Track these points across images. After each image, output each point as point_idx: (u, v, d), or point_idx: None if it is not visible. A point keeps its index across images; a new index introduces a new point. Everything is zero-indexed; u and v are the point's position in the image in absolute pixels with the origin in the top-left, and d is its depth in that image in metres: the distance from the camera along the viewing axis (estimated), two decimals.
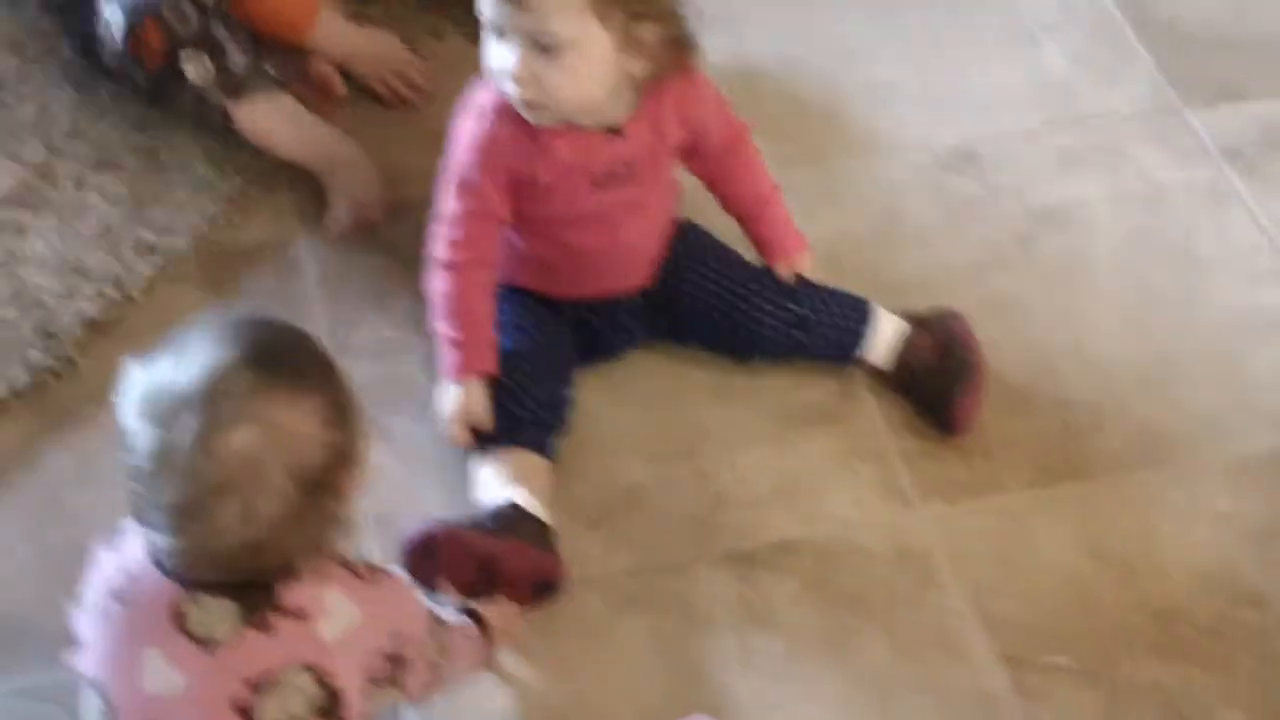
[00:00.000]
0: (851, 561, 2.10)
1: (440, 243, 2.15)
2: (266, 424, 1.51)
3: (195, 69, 2.39)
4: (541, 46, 1.99)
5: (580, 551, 2.09)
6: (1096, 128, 2.59)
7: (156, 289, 2.33)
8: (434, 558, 1.97)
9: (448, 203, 2.15)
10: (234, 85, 2.41)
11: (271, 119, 2.44)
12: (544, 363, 2.19)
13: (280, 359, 1.55)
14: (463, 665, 1.86)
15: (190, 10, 2.38)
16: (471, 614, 1.95)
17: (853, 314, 2.25)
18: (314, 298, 2.35)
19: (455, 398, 2.13)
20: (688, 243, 2.30)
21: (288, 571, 1.60)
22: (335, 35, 2.55)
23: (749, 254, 2.29)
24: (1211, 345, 2.34)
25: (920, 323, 2.26)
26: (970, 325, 2.26)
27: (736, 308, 2.26)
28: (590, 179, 2.14)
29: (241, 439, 1.50)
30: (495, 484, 2.09)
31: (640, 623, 2.04)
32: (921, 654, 2.02)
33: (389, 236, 2.41)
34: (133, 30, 2.38)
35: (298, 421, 1.53)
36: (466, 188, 2.13)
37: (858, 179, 2.51)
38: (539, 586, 2.03)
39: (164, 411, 1.52)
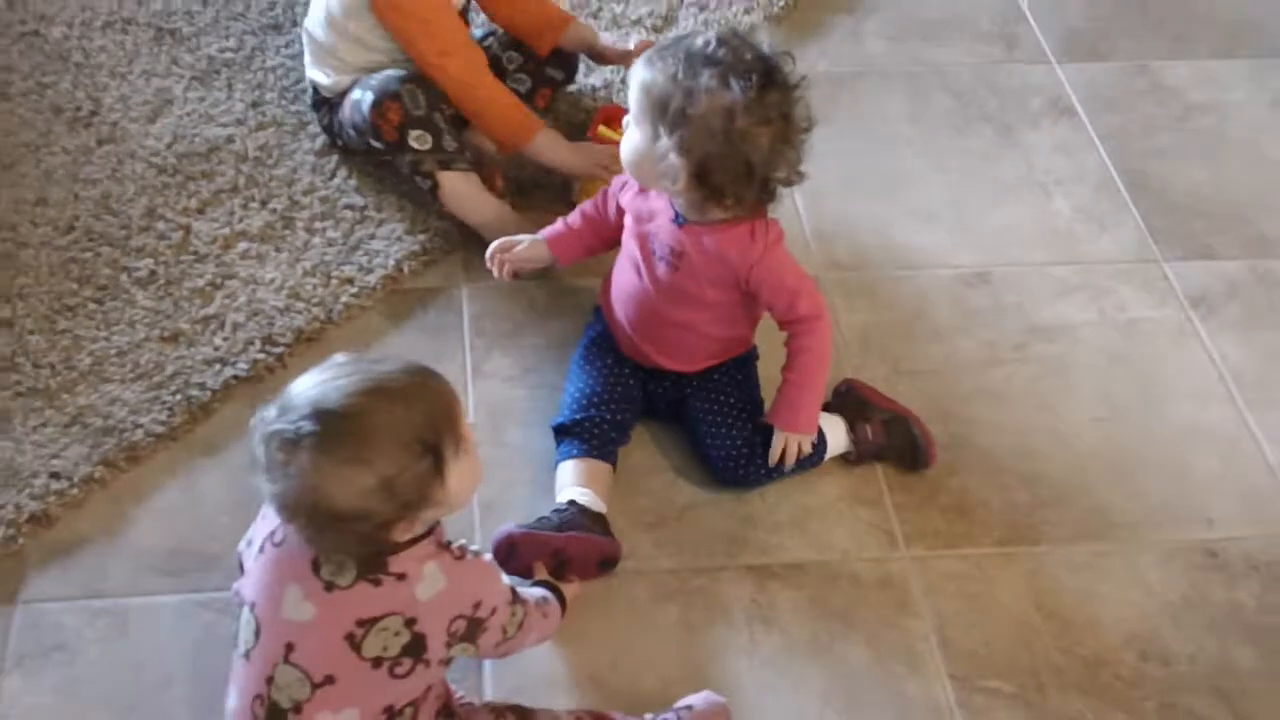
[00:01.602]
0: (845, 584, 2.05)
1: None
2: (317, 484, 1.54)
3: (419, 142, 2.39)
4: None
5: (636, 549, 2.07)
6: (1089, 267, 2.51)
7: (351, 313, 2.33)
8: (515, 553, 1.98)
9: None
10: (444, 159, 2.40)
11: (465, 189, 2.43)
12: (610, 394, 2.17)
13: (352, 436, 1.54)
14: (534, 637, 1.84)
15: (422, 98, 2.38)
16: (552, 587, 1.94)
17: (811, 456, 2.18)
18: (464, 332, 2.34)
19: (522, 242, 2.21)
20: (721, 374, 2.20)
21: (394, 546, 1.62)
22: (554, 153, 2.48)
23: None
24: (1162, 450, 2.26)
25: (858, 420, 2.19)
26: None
27: (722, 457, 2.15)
28: (652, 243, 2.12)
29: (302, 499, 1.54)
30: (567, 482, 2.09)
31: (673, 610, 2.02)
32: (890, 665, 1.97)
33: (528, 290, 2.40)
34: (377, 106, 2.38)
35: (342, 487, 1.54)
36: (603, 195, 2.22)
37: (894, 284, 2.46)
38: (602, 563, 2.02)
39: (266, 436, 1.56)
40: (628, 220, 2.17)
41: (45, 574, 2.00)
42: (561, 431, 2.14)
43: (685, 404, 2.20)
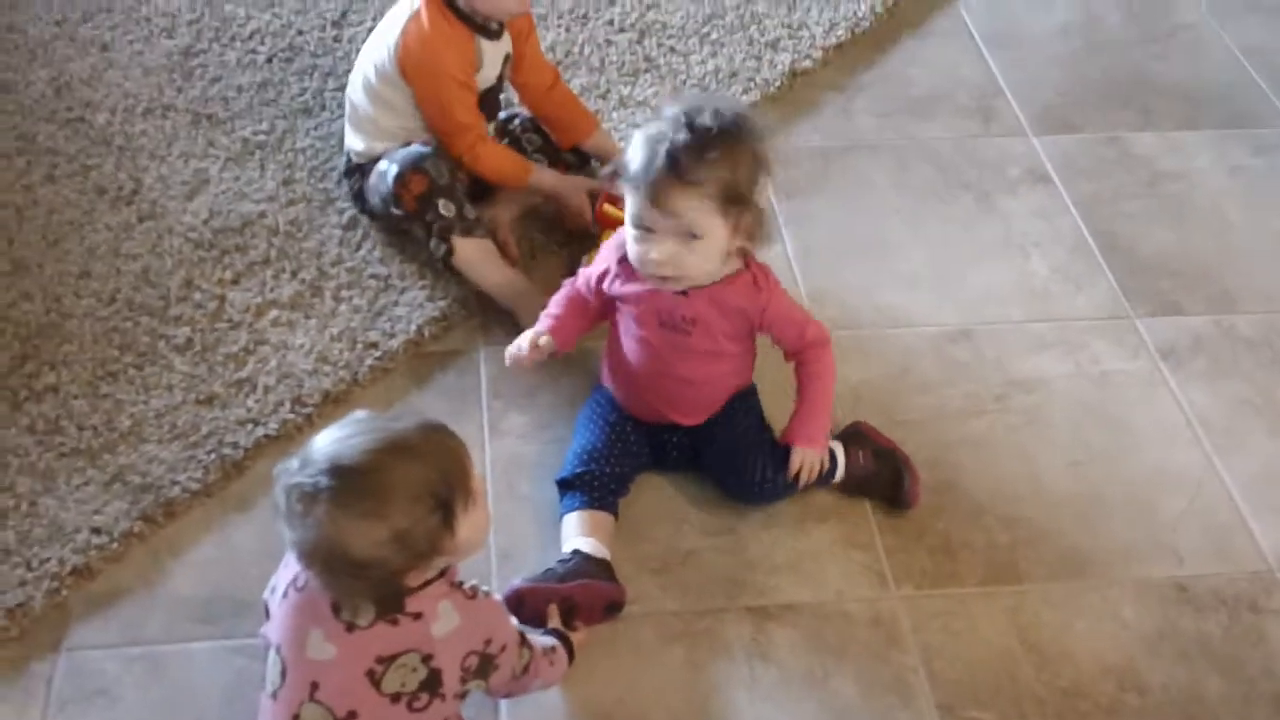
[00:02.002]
0: (838, 622, 2.05)
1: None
2: (333, 535, 1.55)
3: (445, 209, 2.40)
4: (682, 238, 2.00)
5: (642, 592, 2.07)
6: (1064, 323, 2.51)
7: (375, 376, 2.34)
8: (524, 605, 1.97)
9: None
10: (465, 226, 2.42)
11: (482, 256, 2.45)
12: (611, 449, 2.17)
13: (367, 492, 1.55)
14: (540, 682, 1.85)
15: (445, 168, 2.41)
16: (560, 636, 1.94)
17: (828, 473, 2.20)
18: (482, 392, 2.34)
19: (535, 337, 2.16)
20: (734, 409, 2.21)
21: (408, 589, 1.63)
22: (546, 181, 2.54)
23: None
24: (1133, 492, 2.25)
25: (853, 446, 2.21)
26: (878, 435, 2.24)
27: (749, 479, 2.17)
28: (660, 318, 2.13)
29: (319, 549, 1.56)
30: (571, 533, 2.09)
31: (679, 650, 2.01)
32: (880, 696, 1.96)
33: None
34: (400, 178, 2.41)
35: (356, 539, 1.55)
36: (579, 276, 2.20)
37: (883, 341, 2.46)
38: (608, 608, 2.02)
39: (287, 488, 1.57)
40: (623, 305, 2.16)
41: (87, 623, 2.00)
42: (564, 485, 2.14)
43: (703, 444, 2.20)
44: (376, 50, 2.49)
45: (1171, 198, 2.81)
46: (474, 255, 2.45)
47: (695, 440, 2.21)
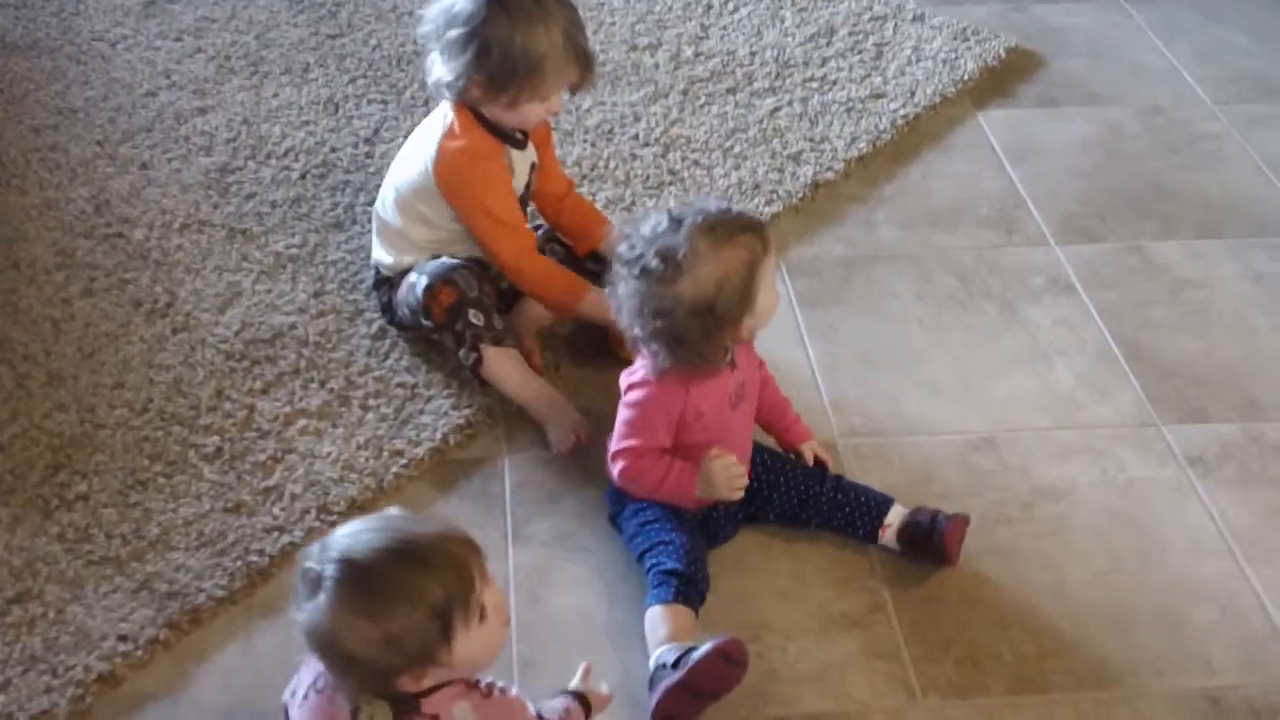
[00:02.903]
0: None
1: (619, 466, 2.17)
2: (328, 625, 1.56)
3: (474, 318, 2.41)
4: None
5: None
6: (1090, 431, 2.49)
7: (400, 483, 2.34)
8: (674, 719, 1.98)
9: (625, 441, 2.16)
10: (494, 336, 2.43)
11: (512, 364, 2.45)
12: (698, 545, 2.17)
13: (370, 591, 1.56)
14: None
15: (473, 280, 2.43)
16: (579, 696, 1.92)
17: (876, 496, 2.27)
18: (506, 499, 2.33)
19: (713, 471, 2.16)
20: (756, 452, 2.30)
21: (418, 691, 1.61)
22: (598, 306, 2.44)
23: None
24: (1162, 602, 2.21)
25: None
26: (961, 532, 2.22)
27: (813, 489, 2.25)
28: (729, 400, 2.16)
29: (315, 635, 1.57)
30: (662, 628, 2.04)
31: None
32: None
33: (562, 461, 2.39)
34: (430, 289, 2.42)
35: (348, 633, 1.56)
36: (638, 432, 2.16)
37: (906, 450, 2.44)
38: (732, 663, 1.97)
39: (301, 570, 1.60)
40: (704, 411, 2.16)
41: None
42: (677, 576, 2.10)
43: (757, 498, 2.24)
44: (410, 166, 2.52)
45: (1195, 306, 2.80)
46: (503, 364, 2.46)
47: (743, 503, 2.24)
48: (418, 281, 2.47)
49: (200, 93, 3.23)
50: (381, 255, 2.59)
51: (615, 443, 2.20)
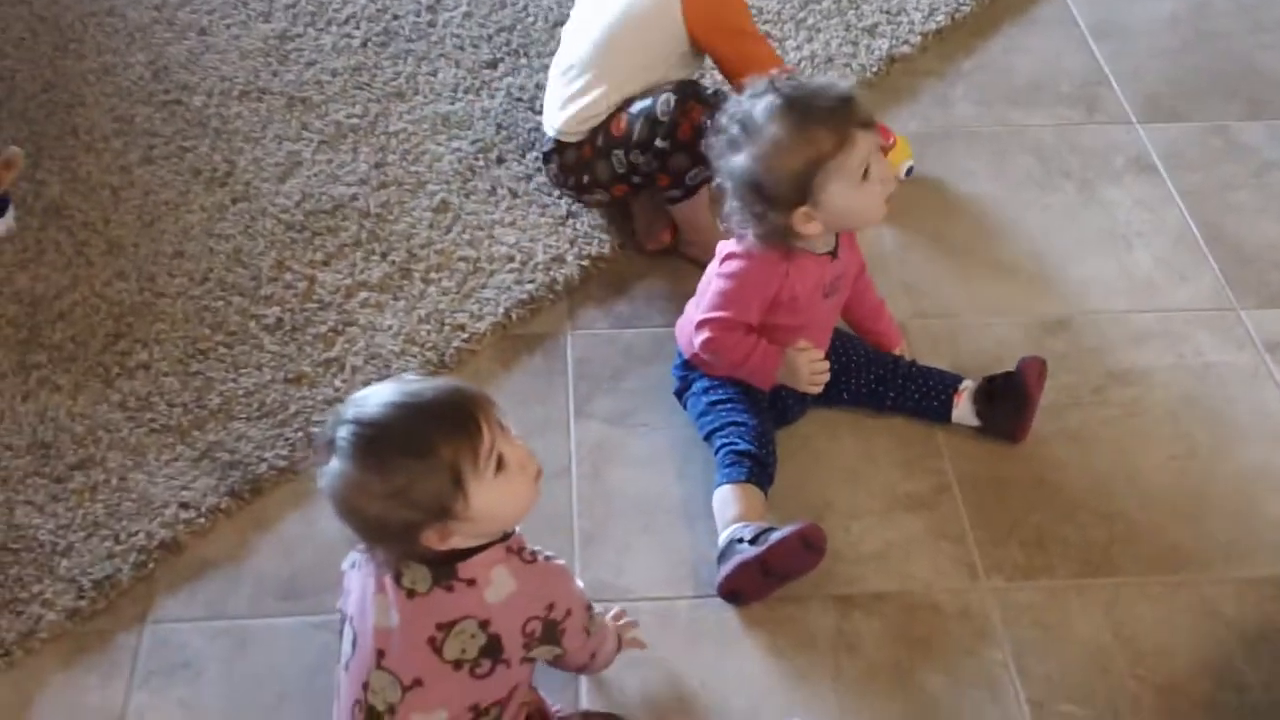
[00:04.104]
0: (925, 614, 2.02)
1: (704, 335, 2.15)
2: (339, 486, 1.57)
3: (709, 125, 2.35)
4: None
5: None
6: (1166, 315, 2.46)
7: (463, 358, 2.35)
8: (739, 597, 2.01)
9: (714, 311, 2.15)
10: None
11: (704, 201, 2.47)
12: (769, 427, 2.18)
13: (376, 446, 1.57)
14: (610, 645, 1.85)
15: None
16: None
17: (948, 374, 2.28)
18: (569, 376, 2.34)
19: (798, 365, 2.17)
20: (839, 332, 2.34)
21: (459, 555, 1.64)
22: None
23: None
24: (1235, 488, 2.20)
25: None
26: (1040, 368, 2.23)
27: (885, 371, 2.26)
28: (823, 290, 2.15)
29: (335, 499, 1.58)
30: (732, 507, 2.06)
31: (762, 636, 2.00)
32: (968, 690, 1.94)
33: (626, 337, 2.40)
34: (682, 104, 2.37)
35: (363, 496, 1.57)
36: (730, 304, 2.14)
37: (978, 331, 2.42)
38: (811, 548, 1.98)
39: (319, 444, 1.62)
40: (799, 295, 2.14)
41: (173, 597, 2.03)
42: (748, 456, 2.10)
43: (830, 380, 2.22)
44: (632, 6, 2.45)
45: (1279, 189, 2.75)
46: (704, 199, 2.48)
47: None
48: (657, 104, 2.40)
49: None
50: (576, 113, 2.50)
51: (704, 311, 2.18)
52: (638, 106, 2.43)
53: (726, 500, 2.09)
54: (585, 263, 2.53)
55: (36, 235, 2.53)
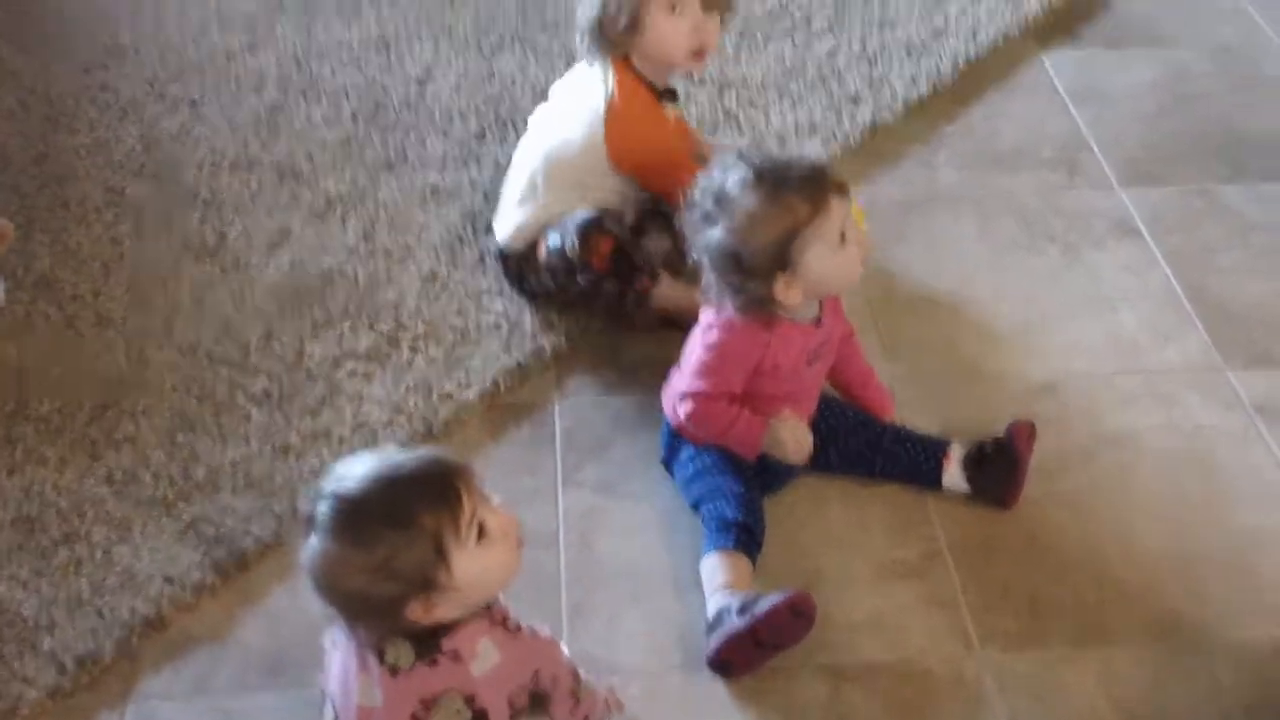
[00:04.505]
0: (919, 683, 1.95)
1: (686, 408, 2.10)
2: (322, 563, 1.52)
3: (634, 257, 2.37)
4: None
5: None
6: (1154, 377, 2.40)
7: (450, 428, 2.30)
8: (729, 668, 1.94)
9: (696, 382, 2.09)
10: (650, 267, 2.40)
11: (667, 283, 2.41)
12: (755, 492, 2.12)
13: (356, 519, 1.51)
14: (600, 711, 1.77)
15: (617, 221, 2.39)
16: None
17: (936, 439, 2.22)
18: (556, 444, 2.28)
19: (782, 436, 2.11)
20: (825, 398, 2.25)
21: (442, 628, 1.57)
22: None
23: None
24: (1230, 551, 2.13)
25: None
26: (1029, 431, 2.18)
27: (873, 436, 2.21)
28: (807, 358, 2.10)
29: (317, 577, 1.52)
30: (720, 575, 2.00)
31: (754, 708, 1.92)
32: None
33: (615, 405, 2.34)
34: (586, 242, 2.36)
35: (346, 571, 1.51)
36: (712, 375, 2.09)
37: (966, 395, 2.37)
38: (800, 617, 1.93)
39: (299, 521, 1.55)
40: (781, 364, 2.10)
41: (157, 674, 1.96)
42: (738, 526, 2.05)
43: (817, 446, 2.16)
44: (568, 133, 2.44)
45: (1263, 249, 2.69)
46: (664, 286, 2.43)
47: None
48: (564, 244, 2.39)
49: (251, 31, 3.18)
50: (517, 227, 2.48)
51: (686, 383, 2.13)
52: (552, 241, 2.41)
53: (714, 569, 2.03)
54: (574, 330, 2.47)
55: (26, 308, 2.48)
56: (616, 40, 2.40)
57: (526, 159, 2.52)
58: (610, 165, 2.43)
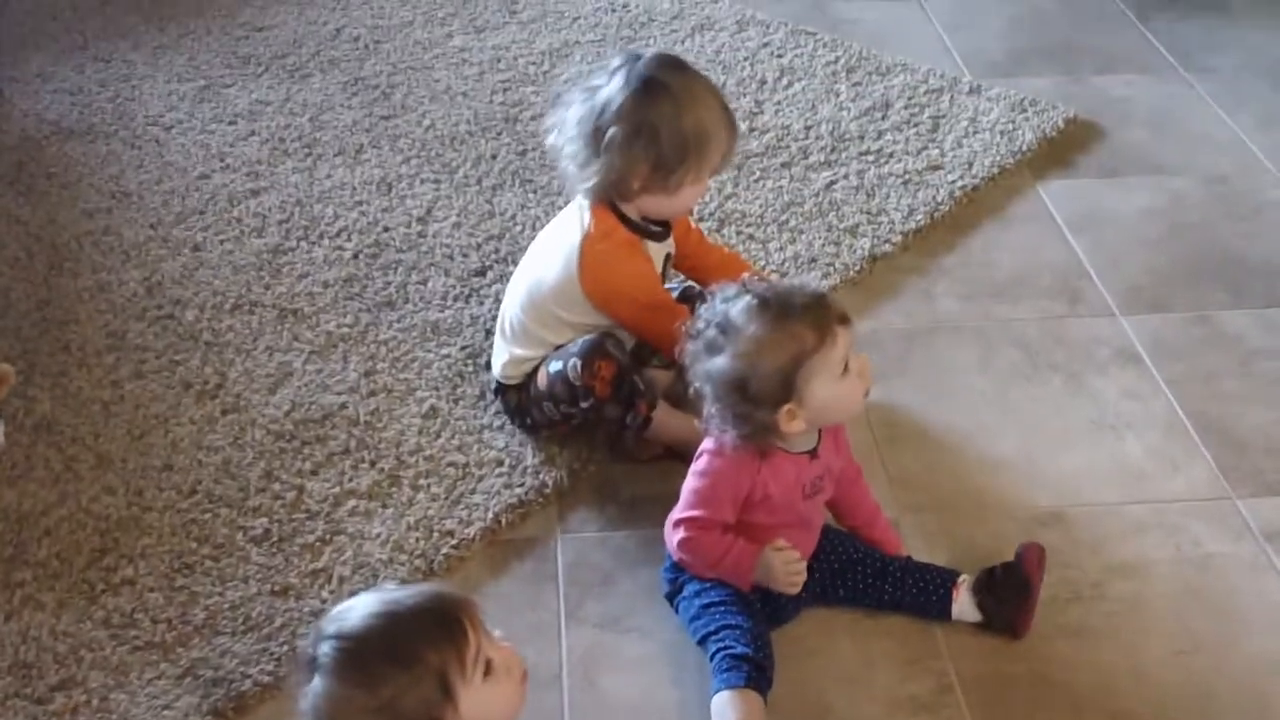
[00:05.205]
0: None
1: (679, 535, 2.09)
2: (324, 706, 1.52)
3: (636, 382, 2.38)
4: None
5: None
6: (1161, 506, 2.39)
7: (451, 565, 2.27)
8: None
9: (689, 510, 2.09)
10: (650, 395, 2.40)
11: (666, 411, 2.41)
12: (762, 626, 2.09)
13: (359, 659, 1.51)
14: None
15: (618, 346, 2.39)
16: None
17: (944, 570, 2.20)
18: (559, 580, 2.26)
19: (773, 564, 2.08)
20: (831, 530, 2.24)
21: None
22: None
23: None
24: (1243, 684, 2.10)
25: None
26: (1039, 554, 2.16)
27: (881, 566, 2.18)
28: (803, 490, 2.09)
29: (311, 711, 1.53)
30: (731, 714, 1.97)
31: None
32: None
33: (618, 540, 2.33)
34: (589, 368, 2.35)
35: (350, 712, 1.51)
36: (704, 504, 2.09)
37: (971, 527, 2.35)
38: None
39: (299, 663, 1.57)
40: (773, 494, 2.10)
41: None
42: (747, 661, 2.02)
43: (824, 578, 2.16)
44: (546, 272, 2.44)
45: (1267, 376, 2.70)
46: (663, 413, 2.43)
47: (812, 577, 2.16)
48: (566, 368, 2.39)
49: (254, 175, 3.23)
50: (510, 361, 2.50)
51: (679, 511, 2.13)
52: (554, 366, 2.42)
53: (725, 707, 2.00)
54: (575, 465, 2.47)
55: (26, 451, 2.48)
56: (632, 193, 2.42)
57: (515, 290, 2.54)
58: (587, 300, 2.43)
